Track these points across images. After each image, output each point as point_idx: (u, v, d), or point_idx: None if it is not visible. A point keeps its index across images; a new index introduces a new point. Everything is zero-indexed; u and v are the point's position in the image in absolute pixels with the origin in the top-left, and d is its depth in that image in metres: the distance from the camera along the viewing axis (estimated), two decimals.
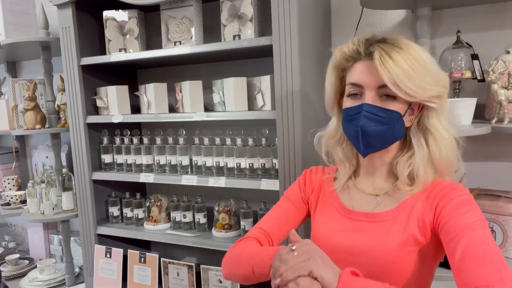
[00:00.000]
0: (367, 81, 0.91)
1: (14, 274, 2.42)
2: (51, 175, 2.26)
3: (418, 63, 0.88)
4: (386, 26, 1.68)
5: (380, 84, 0.89)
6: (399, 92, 0.87)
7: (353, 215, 1.00)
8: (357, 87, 0.93)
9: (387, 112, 0.90)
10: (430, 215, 0.91)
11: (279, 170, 1.49)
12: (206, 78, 1.85)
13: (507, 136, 1.52)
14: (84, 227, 1.99)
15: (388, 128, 0.91)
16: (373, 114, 0.90)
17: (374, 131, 0.90)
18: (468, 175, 1.47)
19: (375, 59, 0.87)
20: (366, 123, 0.90)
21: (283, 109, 1.45)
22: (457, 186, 0.92)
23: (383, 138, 0.92)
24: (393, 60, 0.86)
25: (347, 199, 1.04)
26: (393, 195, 0.98)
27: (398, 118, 0.91)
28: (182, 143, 1.79)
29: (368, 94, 0.91)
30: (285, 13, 1.40)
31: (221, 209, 1.76)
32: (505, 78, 1.36)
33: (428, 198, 0.93)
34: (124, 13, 1.84)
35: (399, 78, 0.85)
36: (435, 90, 0.89)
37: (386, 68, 0.86)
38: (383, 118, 0.90)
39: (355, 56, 0.94)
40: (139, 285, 1.89)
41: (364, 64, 0.92)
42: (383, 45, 0.89)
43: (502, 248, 1.44)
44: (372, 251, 0.92)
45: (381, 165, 1.00)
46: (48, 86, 2.18)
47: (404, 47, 0.89)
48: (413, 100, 0.90)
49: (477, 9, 1.52)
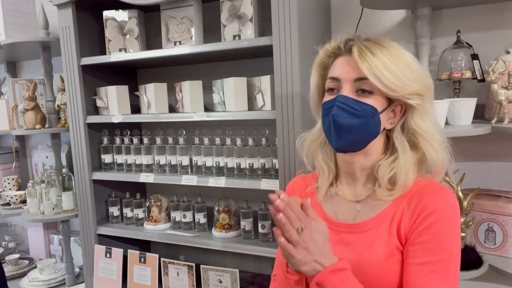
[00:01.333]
0: (344, 74, 0.90)
1: (14, 274, 2.42)
2: (51, 175, 2.26)
3: (399, 59, 0.88)
4: (386, 26, 1.68)
5: (357, 77, 0.89)
6: (378, 83, 0.86)
7: (337, 226, 0.98)
8: (335, 81, 0.93)
9: (361, 105, 0.88)
10: (407, 225, 0.89)
11: (279, 170, 1.49)
12: (206, 78, 1.85)
13: (507, 136, 1.52)
14: (84, 227, 1.99)
15: (362, 122, 0.89)
16: (346, 105, 0.88)
17: (347, 123, 0.88)
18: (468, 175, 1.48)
19: (354, 52, 0.88)
20: (339, 113, 0.89)
21: (283, 109, 1.45)
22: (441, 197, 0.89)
23: (355, 132, 0.90)
24: (373, 54, 0.86)
25: (330, 208, 1.01)
26: (373, 201, 0.96)
27: (374, 114, 0.89)
28: (182, 143, 1.79)
29: (345, 87, 0.90)
30: (285, 13, 1.40)
31: (221, 209, 1.76)
32: (505, 78, 1.36)
33: (409, 205, 0.90)
34: (124, 13, 1.84)
35: (378, 69, 0.85)
36: (415, 86, 0.88)
37: (366, 60, 0.86)
38: (356, 111, 0.88)
39: (336, 51, 0.94)
40: (139, 285, 1.89)
41: (343, 59, 0.92)
42: (364, 42, 0.90)
43: (502, 248, 1.44)
44: (359, 266, 0.90)
45: (361, 169, 0.97)
46: (48, 86, 2.18)
47: (386, 46, 0.89)
48: (392, 95, 0.88)
49: (477, 9, 1.52)
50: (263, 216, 1.63)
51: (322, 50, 0.98)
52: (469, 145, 1.57)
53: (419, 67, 0.91)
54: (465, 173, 1.41)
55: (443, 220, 0.86)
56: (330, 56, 0.96)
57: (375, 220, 0.93)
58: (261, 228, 1.63)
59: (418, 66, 0.91)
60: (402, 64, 0.87)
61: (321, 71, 1.00)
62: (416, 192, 0.91)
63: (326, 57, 0.98)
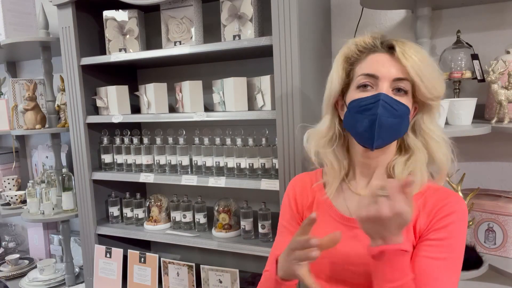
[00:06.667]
0: (384, 71, 0.89)
1: (14, 274, 2.42)
2: (51, 175, 2.26)
3: (431, 62, 0.90)
4: (386, 26, 1.68)
5: (397, 76, 0.89)
6: (421, 84, 0.87)
7: (350, 222, 0.96)
8: (371, 77, 0.90)
9: (400, 105, 0.89)
10: (423, 223, 0.90)
11: (279, 170, 1.49)
12: (206, 78, 1.85)
13: (507, 136, 1.52)
14: (84, 227, 1.99)
15: (399, 122, 0.90)
16: (389, 105, 0.88)
17: (389, 123, 0.88)
18: (468, 175, 1.48)
19: (397, 51, 0.88)
20: (384, 113, 0.87)
21: (283, 109, 1.45)
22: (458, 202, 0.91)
23: (392, 132, 0.90)
24: (413, 55, 0.88)
25: (342, 204, 1.00)
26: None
27: (407, 114, 0.91)
28: (182, 143, 1.79)
29: (383, 86, 0.89)
30: (285, 13, 1.40)
31: (221, 209, 1.75)
32: (505, 78, 1.36)
33: (425, 205, 0.91)
34: (124, 13, 1.84)
35: (420, 70, 0.87)
36: (441, 90, 0.91)
37: (410, 59, 0.87)
38: (396, 111, 0.88)
39: (371, 48, 0.93)
40: (139, 285, 1.89)
41: (380, 56, 0.91)
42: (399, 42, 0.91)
43: (502, 248, 1.44)
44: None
45: (377, 166, 0.97)
46: (48, 86, 2.18)
47: (416, 48, 0.91)
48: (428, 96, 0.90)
49: (477, 9, 1.52)
50: (263, 216, 1.63)
51: (352, 43, 0.96)
52: (469, 145, 1.56)
53: (439, 69, 0.93)
54: (465, 173, 1.41)
55: (459, 222, 0.89)
56: (363, 52, 0.94)
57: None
58: (261, 228, 1.63)
59: (439, 68, 0.93)
60: (433, 66, 0.90)
61: (346, 65, 0.96)
62: (431, 194, 0.93)
63: (357, 51, 0.94)
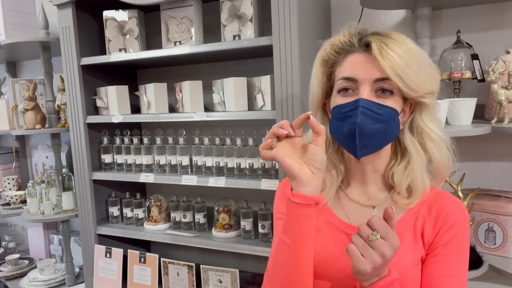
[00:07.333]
0: (362, 74, 0.81)
1: (14, 274, 2.42)
2: (51, 175, 2.26)
3: (417, 55, 0.82)
4: (386, 26, 1.68)
5: (377, 77, 0.81)
6: (401, 84, 0.79)
7: (353, 231, 0.86)
8: (350, 81, 0.83)
9: (385, 108, 0.81)
10: (431, 233, 0.86)
11: (279, 170, 1.49)
12: (206, 78, 1.85)
13: (507, 136, 1.52)
14: (84, 227, 1.99)
15: (385, 127, 0.81)
16: (370, 111, 0.80)
17: (372, 129, 0.80)
18: (468, 175, 1.48)
19: (374, 50, 0.79)
20: (364, 121, 0.80)
21: (283, 109, 1.44)
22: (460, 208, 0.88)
23: (379, 138, 0.83)
24: (393, 51, 0.79)
25: (341, 211, 0.93)
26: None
27: (395, 116, 0.83)
28: (182, 143, 1.79)
29: (364, 89, 0.81)
30: (285, 13, 1.40)
31: (221, 209, 1.75)
32: (505, 78, 1.36)
33: (430, 212, 0.87)
34: (124, 13, 1.84)
35: (401, 68, 0.78)
36: (432, 85, 0.84)
37: (388, 58, 0.78)
38: (380, 116, 0.80)
39: (347, 48, 0.85)
40: (139, 285, 1.89)
41: (358, 56, 0.83)
42: (379, 37, 0.82)
43: (502, 248, 1.44)
44: None
45: (373, 172, 0.91)
46: (48, 86, 2.18)
47: (399, 40, 0.81)
48: (413, 95, 0.82)
49: (477, 9, 1.52)
50: (263, 216, 1.63)
51: (328, 44, 0.89)
52: (469, 145, 1.57)
53: (430, 62, 0.85)
54: (465, 173, 1.41)
55: (464, 232, 0.86)
56: (340, 53, 0.87)
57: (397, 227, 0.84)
58: (261, 228, 1.63)
59: (430, 61, 0.85)
60: (420, 60, 0.81)
61: (326, 69, 0.90)
62: (434, 200, 0.88)
63: (334, 53, 0.87)
